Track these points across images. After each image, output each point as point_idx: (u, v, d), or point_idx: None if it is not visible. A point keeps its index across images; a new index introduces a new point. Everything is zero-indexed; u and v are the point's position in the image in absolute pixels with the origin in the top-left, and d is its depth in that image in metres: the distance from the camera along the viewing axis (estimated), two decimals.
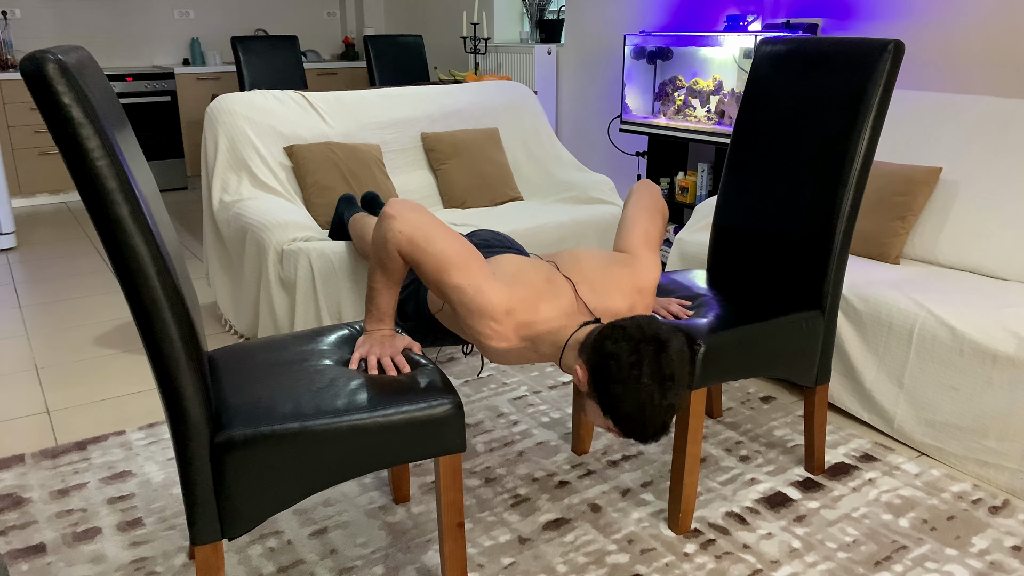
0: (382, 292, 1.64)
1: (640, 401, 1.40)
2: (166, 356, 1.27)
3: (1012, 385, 1.99)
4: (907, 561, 1.77)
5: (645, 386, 1.39)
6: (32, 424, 2.40)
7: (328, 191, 3.03)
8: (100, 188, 1.16)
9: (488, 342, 1.58)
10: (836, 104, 1.91)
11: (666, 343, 1.42)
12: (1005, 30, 2.84)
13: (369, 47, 5.61)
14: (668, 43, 3.82)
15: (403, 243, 1.56)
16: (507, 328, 1.56)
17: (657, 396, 1.40)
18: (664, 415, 1.42)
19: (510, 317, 1.56)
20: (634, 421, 1.42)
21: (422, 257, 1.55)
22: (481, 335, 1.57)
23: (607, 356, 1.42)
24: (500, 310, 1.54)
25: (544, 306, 1.59)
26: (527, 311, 1.57)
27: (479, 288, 1.53)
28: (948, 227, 2.53)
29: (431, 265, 1.55)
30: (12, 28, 5.47)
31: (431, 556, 1.80)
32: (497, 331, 1.56)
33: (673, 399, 1.42)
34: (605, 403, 1.44)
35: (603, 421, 1.49)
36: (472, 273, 1.54)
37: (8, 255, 4.17)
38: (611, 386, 1.42)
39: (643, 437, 1.45)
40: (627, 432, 1.45)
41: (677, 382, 1.42)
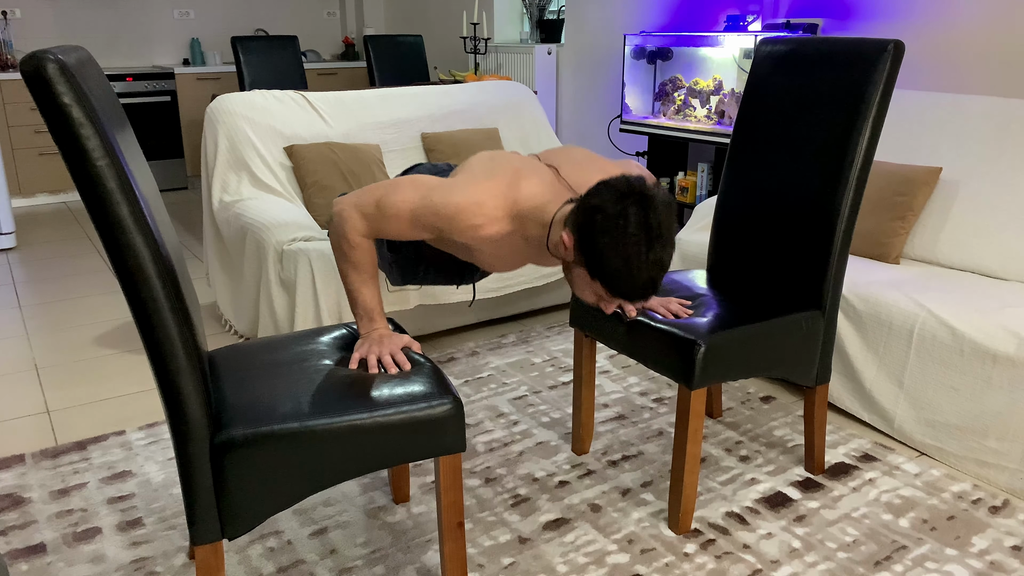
0: (360, 290, 1.63)
1: (626, 253, 1.39)
2: (166, 356, 1.27)
3: (1012, 385, 1.99)
4: (907, 561, 1.77)
5: (631, 236, 1.39)
6: (32, 424, 2.40)
7: (328, 191, 3.03)
8: (100, 188, 1.16)
9: (481, 231, 1.56)
10: (836, 104, 1.91)
11: (652, 196, 1.41)
12: (1005, 30, 2.84)
13: (369, 47, 5.61)
14: (668, 43, 3.82)
15: (359, 222, 1.56)
16: (492, 207, 1.56)
17: (644, 248, 1.39)
18: (651, 270, 1.41)
19: (492, 197, 1.56)
20: (620, 276, 1.41)
21: (384, 219, 1.56)
22: (471, 227, 1.55)
23: (592, 210, 1.42)
24: (480, 194, 1.55)
25: (525, 184, 1.59)
26: (509, 188, 1.57)
27: (450, 192, 1.54)
28: (948, 227, 2.53)
29: (396, 218, 1.55)
30: (12, 28, 5.47)
31: (431, 556, 1.80)
32: (486, 213, 1.55)
33: (660, 253, 1.41)
34: (591, 261, 1.43)
35: (591, 289, 1.48)
36: (436, 191, 1.55)
37: (8, 255, 4.18)
38: (597, 239, 1.41)
39: (630, 294, 1.43)
40: (614, 290, 1.44)
41: (664, 235, 1.41)
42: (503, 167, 1.61)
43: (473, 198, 1.55)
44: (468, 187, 1.56)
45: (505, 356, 2.87)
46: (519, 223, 1.60)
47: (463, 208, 1.54)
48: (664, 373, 1.84)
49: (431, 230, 1.58)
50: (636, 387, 2.63)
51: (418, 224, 1.57)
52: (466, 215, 1.54)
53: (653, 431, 2.35)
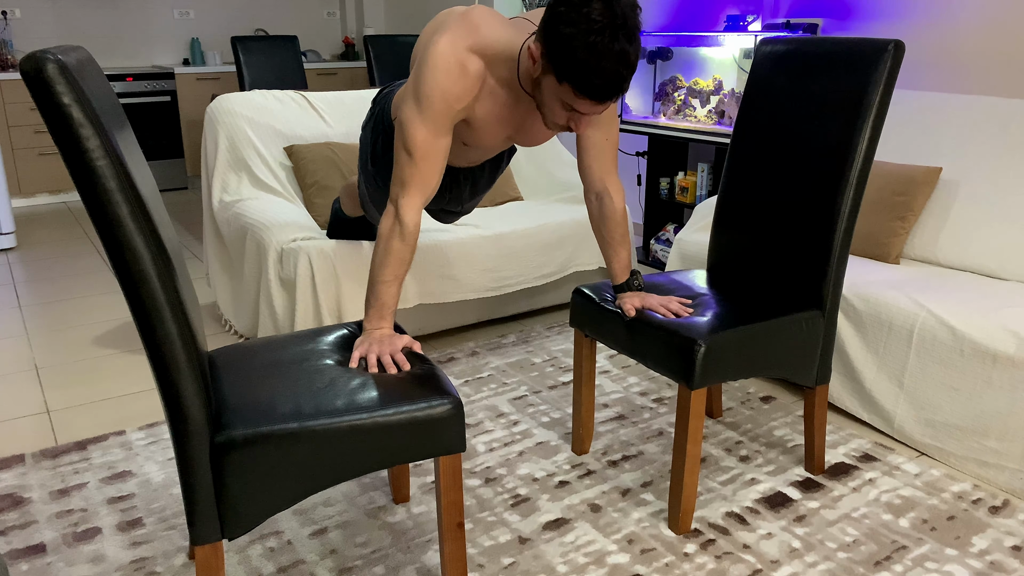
0: (389, 283, 1.66)
1: (590, 41, 1.41)
2: (166, 356, 1.27)
3: (1012, 385, 1.99)
4: (907, 561, 1.77)
5: (595, 22, 1.40)
6: (32, 424, 2.40)
7: (328, 191, 3.03)
8: (100, 188, 1.16)
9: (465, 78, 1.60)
10: (836, 104, 1.91)
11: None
12: (1005, 30, 2.84)
13: (369, 47, 5.61)
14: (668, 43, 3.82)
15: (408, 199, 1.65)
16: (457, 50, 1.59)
17: (608, 35, 1.41)
18: (617, 61, 1.43)
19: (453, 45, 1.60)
20: (587, 67, 1.42)
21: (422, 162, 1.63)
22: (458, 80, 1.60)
23: (557, 3, 1.45)
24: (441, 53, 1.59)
25: (483, 26, 1.63)
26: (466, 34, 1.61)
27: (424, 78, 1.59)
28: (948, 227, 2.53)
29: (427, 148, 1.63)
30: (12, 28, 5.47)
31: (431, 556, 1.80)
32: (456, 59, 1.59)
33: (625, 45, 1.42)
34: (557, 56, 1.45)
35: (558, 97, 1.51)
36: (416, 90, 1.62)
37: (8, 255, 4.17)
38: (560, 29, 1.43)
39: (599, 88, 1.45)
40: (582, 86, 1.45)
41: (629, 27, 1.43)
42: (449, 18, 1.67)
43: (440, 57, 1.59)
44: (432, 57, 1.60)
45: (505, 356, 2.87)
46: (488, 62, 1.64)
47: (441, 71, 1.58)
48: (664, 373, 1.84)
49: (446, 121, 1.63)
50: (636, 387, 2.63)
51: (436, 128, 1.62)
52: (446, 75, 1.59)
53: (653, 431, 2.35)
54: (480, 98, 1.69)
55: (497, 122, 1.75)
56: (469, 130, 1.78)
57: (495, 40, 1.63)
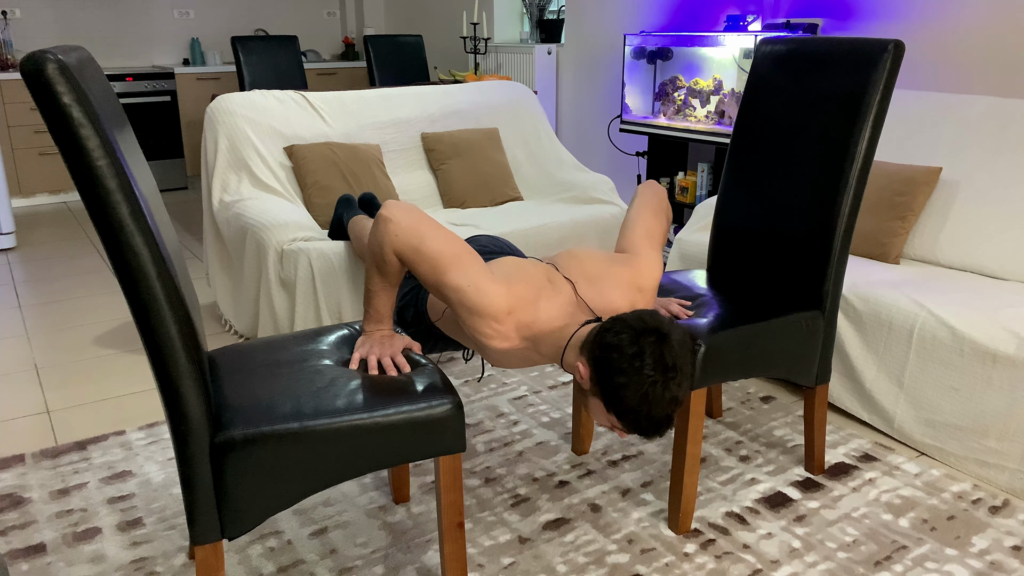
0: (379, 294, 1.64)
1: (643, 392, 1.39)
2: (166, 356, 1.27)
3: (1012, 385, 1.99)
4: (907, 561, 1.77)
5: (648, 376, 1.39)
6: (32, 424, 2.40)
7: (328, 191, 3.03)
8: (100, 188, 1.16)
9: (490, 342, 1.58)
10: (836, 104, 1.91)
11: (668, 334, 1.42)
12: (1005, 30, 2.84)
13: (369, 47, 5.61)
14: (668, 43, 3.82)
15: (399, 245, 1.55)
16: (508, 327, 1.56)
17: (660, 387, 1.40)
18: (667, 407, 1.42)
19: (511, 316, 1.56)
20: (637, 414, 1.42)
21: (419, 258, 1.55)
22: (482, 335, 1.57)
23: (609, 348, 1.42)
24: (501, 309, 1.54)
25: (544, 305, 1.59)
26: (527, 310, 1.57)
27: (478, 287, 1.53)
28: (948, 227, 2.53)
29: (428, 266, 1.54)
30: (12, 28, 5.47)
31: (431, 556, 1.80)
32: (498, 331, 1.56)
33: (676, 391, 1.42)
34: (608, 397, 1.43)
35: (606, 418, 1.48)
36: (470, 272, 1.54)
37: (8, 255, 4.17)
38: (614, 378, 1.41)
39: (647, 430, 1.44)
40: (631, 426, 1.45)
41: (680, 372, 1.42)
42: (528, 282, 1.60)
43: (493, 312, 1.54)
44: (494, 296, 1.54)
45: None
46: (532, 342, 1.61)
47: (483, 316, 1.54)
48: None
49: (445, 301, 1.58)
50: None
51: (439, 291, 1.57)
52: (481, 323, 1.55)
53: None
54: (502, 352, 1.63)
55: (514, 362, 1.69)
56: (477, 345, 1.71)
57: (549, 328, 1.58)
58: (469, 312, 1.55)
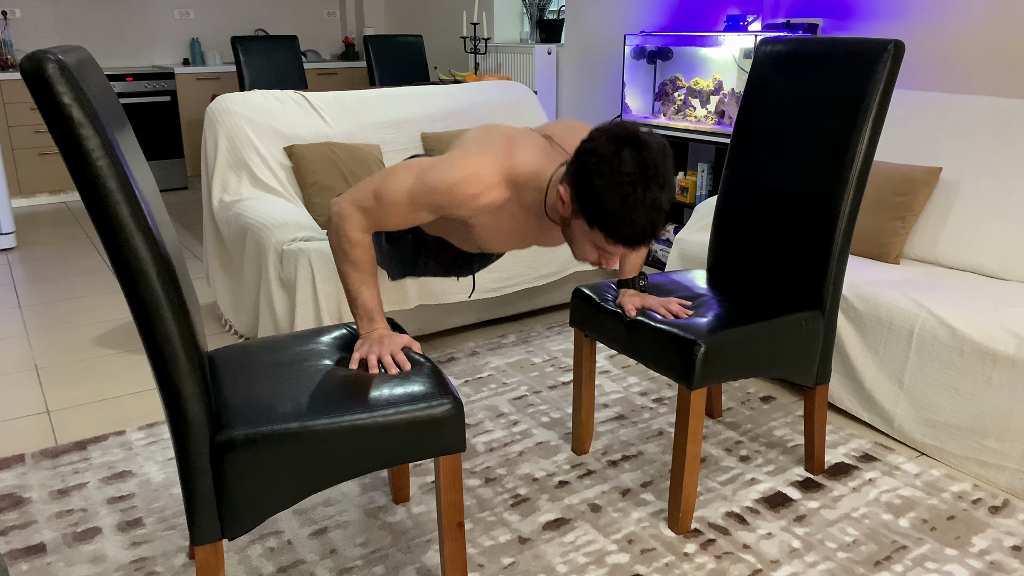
0: (361, 290, 1.63)
1: (623, 193, 1.39)
2: (166, 356, 1.27)
3: (1012, 385, 1.99)
4: (907, 561, 1.77)
5: (627, 175, 1.39)
6: (32, 424, 2.40)
7: (328, 191, 3.03)
8: (100, 188, 1.16)
9: (479, 200, 1.56)
10: (836, 104, 1.91)
11: (646, 139, 1.42)
12: (1005, 30, 2.84)
13: (369, 47, 5.61)
14: (668, 43, 3.82)
15: (359, 218, 1.57)
16: (489, 174, 1.56)
17: (640, 188, 1.39)
18: (650, 211, 1.41)
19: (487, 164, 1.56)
20: (618, 217, 1.41)
21: (384, 210, 1.56)
22: (469, 197, 1.56)
23: (587, 154, 1.42)
24: (475, 164, 1.55)
25: (519, 151, 1.60)
26: (504, 156, 1.58)
27: (448, 167, 1.54)
28: (948, 227, 2.53)
29: (395, 205, 1.56)
30: (12, 28, 5.47)
31: (431, 556, 1.80)
32: (483, 180, 1.56)
33: (657, 193, 1.41)
34: (588, 206, 1.43)
35: (590, 240, 1.48)
36: (427, 172, 1.55)
37: (8, 255, 4.18)
38: (592, 180, 1.41)
39: (630, 238, 1.43)
40: (613, 233, 1.43)
41: (660, 176, 1.41)
42: (496, 138, 1.63)
43: (469, 169, 1.56)
44: (463, 160, 1.57)
45: (505, 356, 2.87)
46: (516, 190, 1.61)
47: (460, 180, 1.55)
48: (664, 373, 1.84)
49: (430, 209, 1.59)
50: (636, 387, 2.63)
51: (417, 205, 1.57)
52: (463, 186, 1.55)
53: (653, 431, 2.35)
54: (493, 214, 1.65)
55: (512, 235, 1.71)
56: (475, 234, 1.74)
57: (529, 171, 1.59)
58: (449, 192, 1.54)
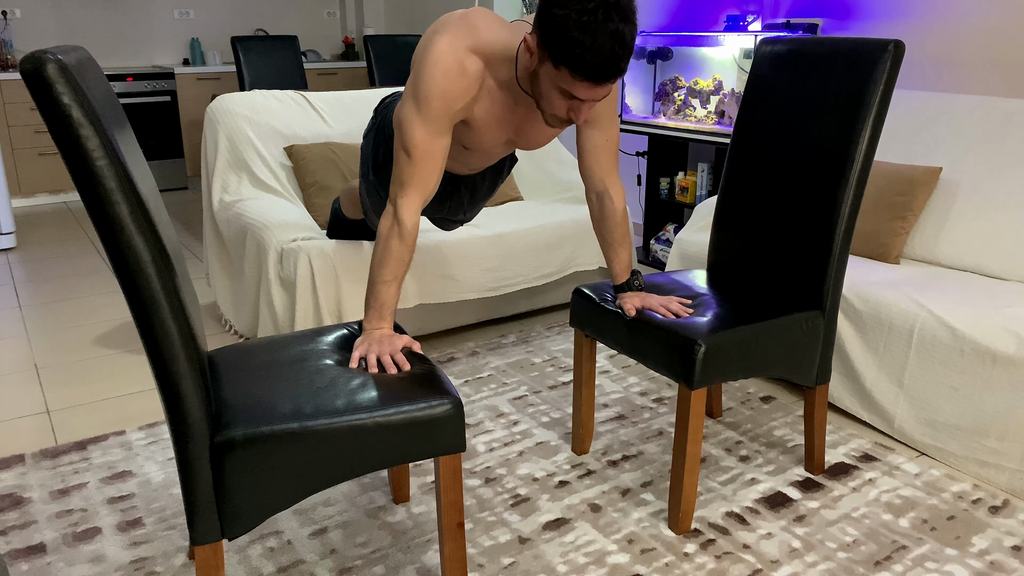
0: (389, 283, 1.65)
1: (584, 21, 1.41)
2: (166, 356, 1.27)
3: (1012, 385, 1.99)
4: (907, 561, 1.77)
5: (588, 3, 1.41)
6: (32, 424, 2.40)
7: (328, 191, 3.03)
8: (100, 188, 1.16)
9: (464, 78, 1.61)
10: (836, 104, 1.91)
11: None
12: (1005, 30, 2.84)
13: (369, 47, 5.61)
14: (668, 43, 3.82)
15: (407, 199, 1.65)
16: (457, 49, 1.60)
17: (601, 14, 1.41)
18: (611, 40, 1.42)
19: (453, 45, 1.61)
20: (582, 47, 1.42)
21: (420, 164, 1.64)
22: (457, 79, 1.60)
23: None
24: (441, 52, 1.60)
25: (480, 25, 1.64)
26: (463, 34, 1.62)
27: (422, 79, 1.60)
28: (948, 227, 2.53)
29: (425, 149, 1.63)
30: (12, 28, 5.47)
31: (431, 556, 1.80)
32: (455, 58, 1.60)
33: (620, 25, 1.42)
34: (551, 39, 1.45)
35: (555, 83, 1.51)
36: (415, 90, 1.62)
37: (8, 255, 4.17)
38: (554, 11, 1.44)
39: (594, 67, 1.45)
40: (577, 67, 1.45)
41: (623, 7, 1.43)
42: (449, 20, 1.67)
43: (438, 56, 1.60)
44: (430, 55, 1.61)
45: (505, 356, 2.87)
46: (488, 64, 1.65)
47: (438, 71, 1.59)
48: (664, 373, 1.84)
49: (446, 122, 1.63)
50: (636, 387, 2.63)
51: (433, 130, 1.62)
52: (444, 73, 1.59)
53: (653, 431, 2.35)
54: (479, 99, 1.70)
55: (496, 123, 1.75)
56: (468, 132, 1.79)
57: (494, 40, 1.64)
58: (441, 88, 1.60)
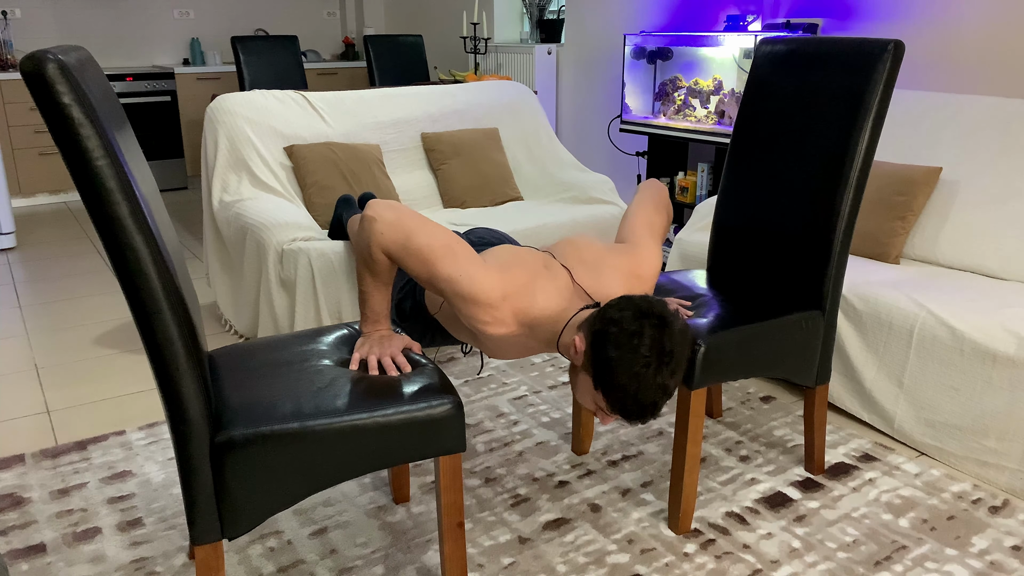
0: (372, 294, 1.63)
1: (635, 371, 1.38)
2: (166, 356, 1.27)
3: (1012, 385, 1.99)
4: (907, 561, 1.77)
5: (642, 356, 1.38)
6: (32, 424, 2.40)
7: (328, 191, 3.03)
8: (100, 188, 1.16)
9: (486, 328, 1.56)
10: (836, 104, 1.91)
11: (670, 321, 1.41)
12: (1005, 30, 2.84)
13: (369, 47, 5.61)
14: (668, 43, 3.82)
15: (386, 243, 1.54)
16: (504, 313, 1.55)
17: (653, 369, 1.38)
18: (656, 392, 1.40)
19: (507, 302, 1.54)
20: (625, 392, 1.40)
21: (407, 255, 1.53)
22: (479, 323, 1.55)
23: (610, 322, 1.41)
24: (496, 294, 1.53)
25: (541, 290, 1.58)
26: (523, 296, 1.56)
27: (471, 275, 1.51)
28: (948, 227, 2.53)
29: (417, 261, 1.53)
30: (12, 28, 5.47)
31: (431, 556, 1.80)
32: (496, 317, 1.54)
33: (667, 379, 1.40)
34: (599, 372, 1.42)
35: (592, 397, 1.47)
36: (460, 262, 1.52)
37: (8, 255, 4.17)
38: (608, 350, 1.40)
39: (631, 412, 1.42)
40: (616, 405, 1.42)
41: (675, 361, 1.41)
42: (522, 271, 1.59)
43: (485, 297, 1.52)
44: (484, 282, 1.53)
45: None
46: (529, 328, 1.59)
47: (473, 302, 1.53)
48: None
49: (440, 294, 1.58)
50: None
51: (432, 285, 1.56)
52: (474, 309, 1.53)
53: (653, 431, 2.35)
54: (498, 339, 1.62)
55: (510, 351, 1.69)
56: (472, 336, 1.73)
57: (545, 315, 1.57)
58: (464, 301, 1.53)
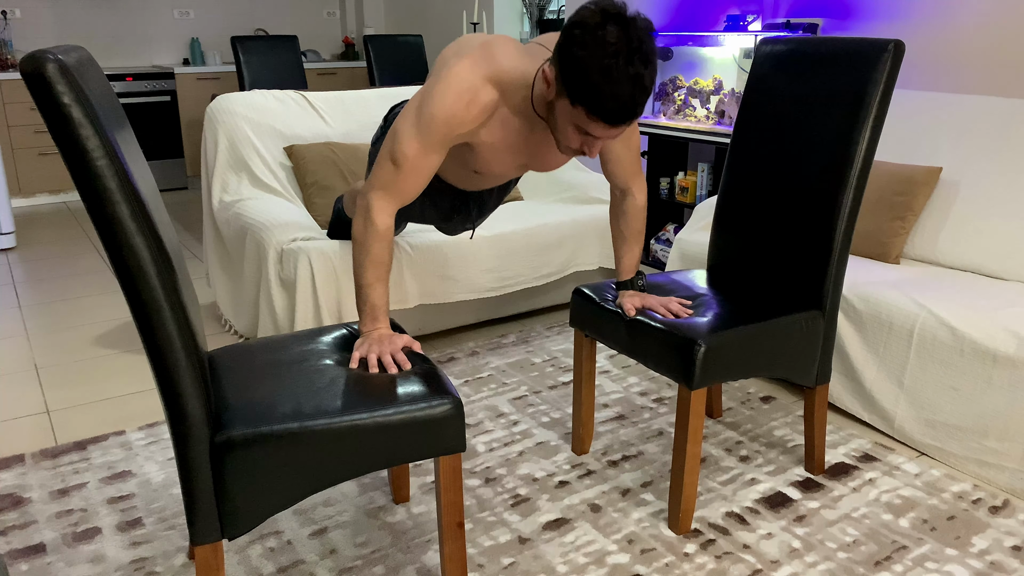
0: (373, 286, 1.64)
1: (605, 64, 1.39)
2: (166, 356, 1.27)
3: (1012, 385, 1.99)
4: (907, 561, 1.77)
5: (610, 46, 1.39)
6: (32, 424, 2.40)
7: (328, 191, 3.03)
8: (100, 188, 1.16)
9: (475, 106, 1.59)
10: (836, 104, 1.91)
11: (633, 16, 1.42)
12: (1005, 30, 2.84)
13: (369, 47, 5.61)
14: (668, 43, 3.82)
15: (384, 201, 1.61)
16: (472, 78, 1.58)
17: (623, 58, 1.39)
18: (631, 85, 1.41)
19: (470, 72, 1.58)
20: (600, 89, 1.40)
21: (405, 176, 1.60)
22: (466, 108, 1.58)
23: (572, 25, 1.43)
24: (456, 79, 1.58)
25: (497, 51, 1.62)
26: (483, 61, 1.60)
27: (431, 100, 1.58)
28: (948, 227, 2.53)
29: (414, 163, 1.60)
30: (12, 28, 5.47)
31: (431, 556, 1.80)
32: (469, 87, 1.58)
33: (640, 68, 1.40)
34: (570, 79, 1.43)
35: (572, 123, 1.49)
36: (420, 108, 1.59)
37: (8, 255, 4.17)
38: (575, 51, 1.41)
39: (612, 111, 1.43)
40: (595, 107, 1.43)
41: (644, 51, 1.41)
42: (470, 45, 1.65)
43: (454, 81, 1.58)
44: (446, 78, 1.59)
45: (505, 356, 2.87)
46: (503, 92, 1.62)
47: (451, 96, 1.57)
48: (664, 373, 1.84)
49: (441, 144, 1.61)
50: (636, 387, 2.63)
51: (428, 147, 1.59)
52: (456, 100, 1.57)
53: (653, 431, 2.35)
54: (488, 125, 1.67)
55: (508, 150, 1.73)
56: (476, 158, 1.77)
57: (512, 68, 1.61)
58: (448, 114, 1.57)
